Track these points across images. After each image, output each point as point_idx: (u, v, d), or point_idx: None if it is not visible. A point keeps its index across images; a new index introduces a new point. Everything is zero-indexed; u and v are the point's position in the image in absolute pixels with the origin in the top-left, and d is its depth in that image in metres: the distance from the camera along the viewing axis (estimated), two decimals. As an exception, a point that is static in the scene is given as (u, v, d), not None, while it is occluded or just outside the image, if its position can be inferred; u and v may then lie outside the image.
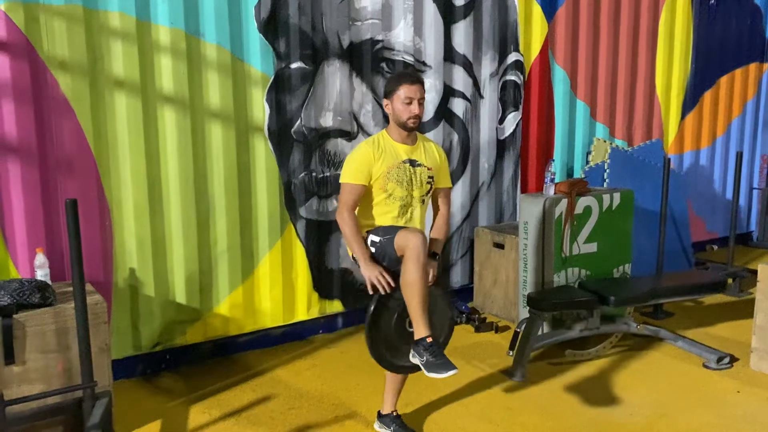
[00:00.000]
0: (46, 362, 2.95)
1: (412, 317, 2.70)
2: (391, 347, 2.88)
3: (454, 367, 2.60)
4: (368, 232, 2.89)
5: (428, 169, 2.93)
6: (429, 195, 2.98)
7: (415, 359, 2.71)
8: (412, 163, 2.89)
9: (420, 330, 2.67)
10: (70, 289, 3.05)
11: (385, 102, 2.91)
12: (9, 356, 2.85)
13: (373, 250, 2.84)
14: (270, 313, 4.19)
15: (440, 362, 2.61)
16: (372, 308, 2.82)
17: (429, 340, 2.65)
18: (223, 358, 4.06)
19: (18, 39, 3.24)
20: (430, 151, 2.99)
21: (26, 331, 2.89)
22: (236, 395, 3.57)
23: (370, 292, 2.80)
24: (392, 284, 2.76)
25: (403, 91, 2.82)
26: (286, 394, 3.57)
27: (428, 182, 2.93)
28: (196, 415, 3.35)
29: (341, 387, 3.66)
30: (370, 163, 2.84)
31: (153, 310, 3.76)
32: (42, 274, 3.21)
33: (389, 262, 2.81)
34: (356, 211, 2.91)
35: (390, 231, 2.81)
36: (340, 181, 2.89)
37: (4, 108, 3.25)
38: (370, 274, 2.77)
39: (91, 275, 3.41)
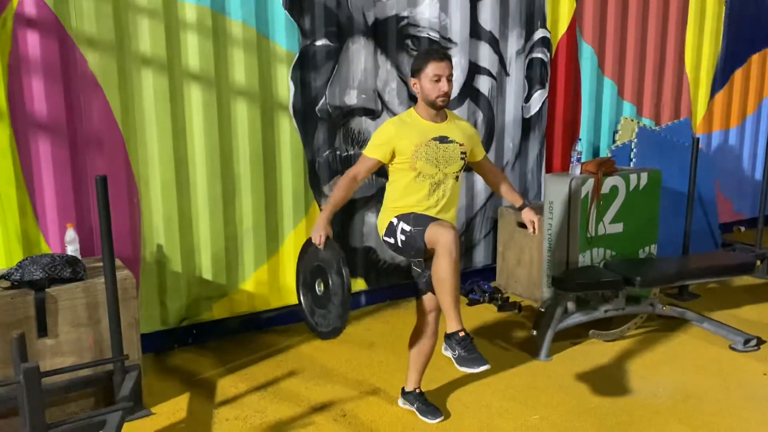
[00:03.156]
0: (77, 335, 3.01)
1: (445, 311, 2.70)
2: (304, 284, 3.00)
3: (486, 362, 2.61)
4: (398, 218, 2.85)
5: (460, 145, 2.90)
6: (461, 171, 2.96)
7: (447, 353, 2.71)
8: (442, 139, 2.86)
9: (452, 324, 2.67)
10: (100, 264, 3.11)
11: (412, 81, 2.88)
12: (42, 329, 2.92)
13: (402, 238, 2.83)
14: (294, 290, 4.21)
15: (472, 357, 2.62)
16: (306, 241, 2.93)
17: (461, 334, 2.64)
18: (249, 333, 4.12)
19: (47, 16, 3.26)
20: (462, 127, 2.97)
21: (58, 305, 2.95)
22: (262, 370, 3.62)
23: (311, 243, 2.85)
24: (322, 247, 2.79)
25: (431, 69, 2.78)
26: (311, 370, 3.62)
27: (461, 158, 2.91)
28: (223, 388, 3.41)
29: (365, 364, 3.70)
30: (392, 141, 2.82)
31: (180, 285, 3.81)
32: (72, 249, 3.27)
33: (417, 252, 2.80)
34: (386, 191, 2.95)
35: (421, 221, 2.78)
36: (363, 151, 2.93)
37: (34, 85, 3.29)
38: (317, 232, 2.78)
39: (119, 251, 3.45)
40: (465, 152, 2.92)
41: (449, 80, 2.80)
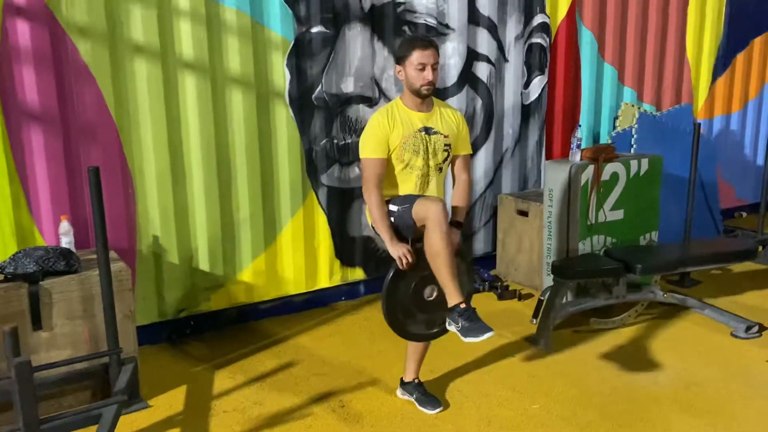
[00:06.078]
0: (72, 328, 2.99)
1: (443, 285, 2.68)
2: (407, 313, 2.89)
3: (490, 329, 2.59)
4: (387, 201, 2.85)
5: (444, 136, 2.86)
6: (446, 163, 2.92)
7: (451, 327, 2.69)
8: (428, 131, 2.82)
9: (452, 297, 2.65)
10: (95, 256, 3.07)
11: (396, 68, 2.83)
12: (36, 322, 2.89)
13: (392, 219, 2.81)
14: (292, 281, 4.20)
15: (476, 326, 2.59)
16: (391, 274, 2.82)
17: (462, 305, 2.63)
18: (247, 324, 4.10)
19: (37, 4, 3.21)
20: (447, 117, 2.91)
21: (53, 298, 2.93)
22: (260, 361, 3.60)
23: (401, 268, 2.77)
24: (414, 262, 2.74)
25: (416, 57, 2.74)
26: (310, 361, 3.60)
27: (445, 150, 2.87)
28: (220, 380, 3.39)
29: (364, 354, 3.67)
30: (387, 134, 2.78)
31: (177, 277, 3.78)
32: (66, 241, 3.24)
33: (407, 230, 2.78)
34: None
35: (408, 200, 2.77)
36: (360, 156, 2.84)
37: (25, 75, 3.24)
38: (397, 253, 2.75)
39: (115, 243, 3.43)
40: (449, 144, 2.88)
41: (434, 69, 2.75)
